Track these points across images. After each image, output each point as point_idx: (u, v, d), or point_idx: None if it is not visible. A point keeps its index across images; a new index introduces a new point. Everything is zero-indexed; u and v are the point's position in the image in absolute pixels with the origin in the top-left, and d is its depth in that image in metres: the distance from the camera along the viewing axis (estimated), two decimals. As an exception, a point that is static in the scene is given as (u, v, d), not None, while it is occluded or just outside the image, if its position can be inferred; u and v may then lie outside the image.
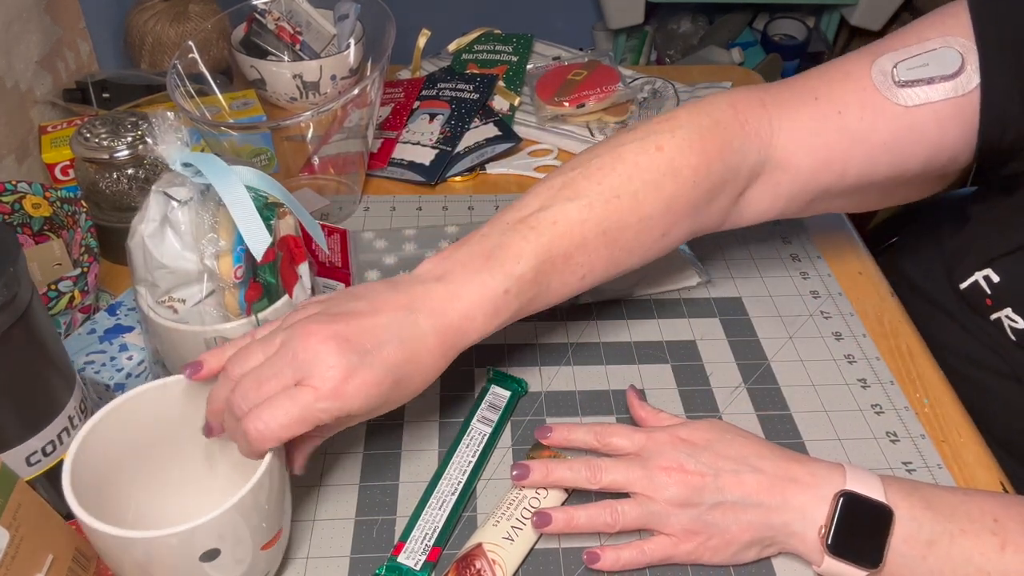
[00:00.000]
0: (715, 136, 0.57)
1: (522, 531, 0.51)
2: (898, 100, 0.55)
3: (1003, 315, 0.62)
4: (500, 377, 0.63)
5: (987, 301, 0.63)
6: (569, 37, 1.25)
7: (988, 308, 0.63)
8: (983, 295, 0.63)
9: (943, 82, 0.54)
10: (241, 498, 0.42)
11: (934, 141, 0.56)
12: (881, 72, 0.56)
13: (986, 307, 0.63)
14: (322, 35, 0.93)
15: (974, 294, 0.64)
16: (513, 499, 0.53)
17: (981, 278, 0.62)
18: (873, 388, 0.64)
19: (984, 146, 0.56)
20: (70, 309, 0.61)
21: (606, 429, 0.54)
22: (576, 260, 0.54)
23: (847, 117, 0.57)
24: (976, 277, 0.63)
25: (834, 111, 0.57)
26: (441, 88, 0.96)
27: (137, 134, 0.69)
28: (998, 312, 0.62)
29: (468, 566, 0.50)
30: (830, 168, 0.58)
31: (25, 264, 0.44)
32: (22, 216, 0.68)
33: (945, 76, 0.54)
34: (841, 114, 0.57)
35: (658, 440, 0.53)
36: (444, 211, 0.82)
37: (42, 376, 0.47)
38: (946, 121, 0.55)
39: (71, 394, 0.49)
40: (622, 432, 0.54)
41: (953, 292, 0.67)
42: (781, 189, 0.60)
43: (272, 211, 0.56)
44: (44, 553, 0.44)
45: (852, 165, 0.58)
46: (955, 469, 0.58)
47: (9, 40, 0.82)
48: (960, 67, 0.54)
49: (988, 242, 0.63)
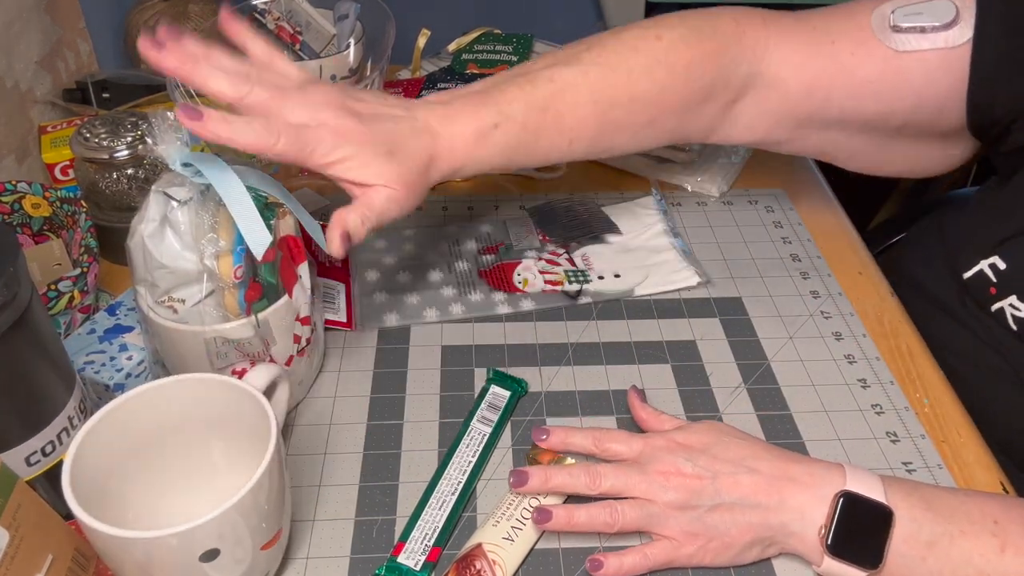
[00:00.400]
0: (712, 40, 0.60)
1: (522, 531, 0.51)
2: (890, 43, 0.58)
3: (1006, 304, 0.62)
4: (500, 377, 0.63)
5: (991, 290, 0.62)
6: (569, 37, 1.25)
7: (991, 298, 0.62)
8: (987, 284, 0.63)
9: (935, 32, 0.56)
10: (241, 498, 0.42)
11: (920, 90, 0.58)
12: (880, 15, 0.59)
13: (989, 297, 0.63)
14: (322, 35, 0.93)
15: (977, 284, 0.64)
16: (513, 499, 0.53)
17: (986, 266, 0.62)
18: (873, 388, 0.64)
19: (973, 109, 0.58)
20: (70, 309, 0.61)
21: (604, 435, 0.54)
22: (566, 122, 0.58)
23: (838, 48, 0.60)
24: (981, 266, 0.63)
25: (828, 40, 0.60)
26: (441, 88, 0.95)
27: (137, 134, 0.69)
28: (1001, 301, 0.62)
29: (468, 566, 0.49)
30: (814, 93, 0.61)
31: (25, 264, 0.44)
32: (22, 216, 0.68)
33: (937, 27, 0.56)
34: (834, 44, 0.60)
35: (656, 445, 0.53)
36: (444, 211, 0.82)
37: (42, 376, 0.47)
38: (934, 72, 0.57)
39: (71, 394, 0.49)
40: (620, 438, 0.54)
41: (956, 285, 0.67)
42: (769, 106, 0.63)
43: (272, 211, 0.56)
44: (44, 553, 0.44)
45: (835, 94, 0.60)
46: (955, 469, 0.58)
47: (9, 40, 0.82)
48: (954, 19, 0.56)
49: (992, 228, 0.63)
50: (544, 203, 0.82)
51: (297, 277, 0.57)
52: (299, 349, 0.58)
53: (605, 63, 0.59)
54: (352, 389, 0.63)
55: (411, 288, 0.72)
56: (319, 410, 0.62)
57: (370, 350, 0.66)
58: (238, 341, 0.54)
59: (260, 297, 0.55)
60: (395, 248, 0.77)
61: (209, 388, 0.49)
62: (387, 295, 0.72)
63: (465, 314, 0.70)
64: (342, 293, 0.70)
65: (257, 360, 0.55)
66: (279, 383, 0.54)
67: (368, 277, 0.74)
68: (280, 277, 0.56)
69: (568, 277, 0.73)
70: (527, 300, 0.71)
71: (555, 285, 0.72)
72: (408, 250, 0.77)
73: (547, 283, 0.73)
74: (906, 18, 0.57)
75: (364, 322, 0.69)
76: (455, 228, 0.80)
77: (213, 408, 0.49)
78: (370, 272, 0.74)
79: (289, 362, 0.58)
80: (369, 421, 0.61)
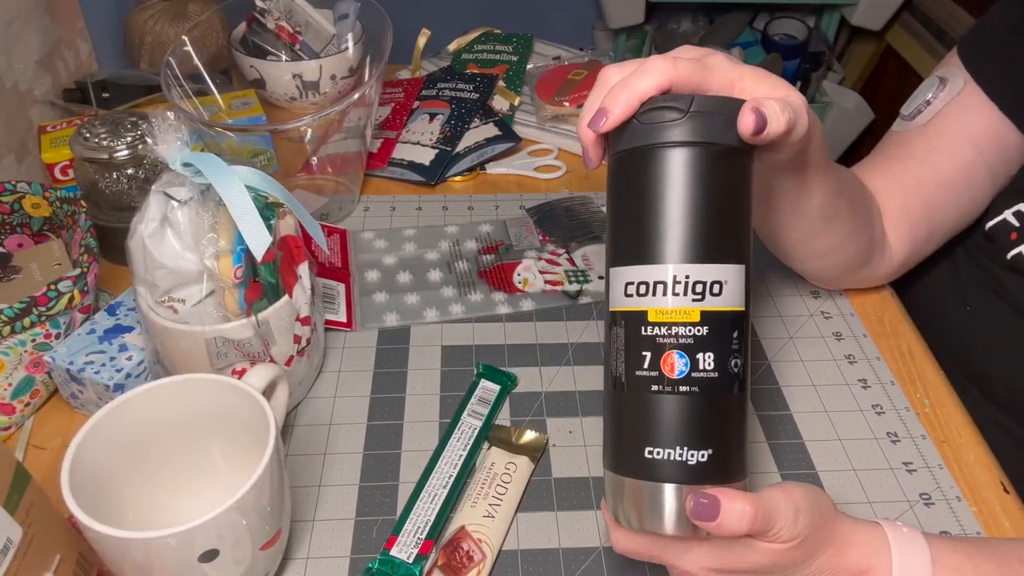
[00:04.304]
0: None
1: (500, 507, 0.53)
2: (913, 127, 0.66)
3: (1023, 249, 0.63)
4: (490, 371, 0.63)
5: (1011, 235, 0.64)
6: (569, 37, 1.25)
7: (1010, 244, 0.64)
8: (1008, 230, 0.64)
9: (936, 96, 0.64)
10: (240, 498, 0.42)
11: (968, 128, 0.63)
12: (896, 125, 0.68)
13: (1008, 243, 0.64)
14: (321, 35, 0.93)
15: (999, 231, 0.65)
16: (485, 479, 0.54)
17: (1010, 214, 0.64)
18: (873, 388, 0.64)
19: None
20: (70, 309, 0.61)
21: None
22: None
23: (896, 166, 0.66)
24: (1004, 215, 0.65)
25: (889, 164, 0.67)
26: (441, 88, 0.95)
27: (137, 134, 0.69)
28: (1021, 246, 0.63)
29: (456, 549, 0.50)
30: (926, 209, 0.66)
31: None
32: (22, 216, 0.68)
33: (935, 91, 0.65)
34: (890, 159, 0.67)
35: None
36: (444, 211, 0.82)
37: None
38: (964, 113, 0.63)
39: None
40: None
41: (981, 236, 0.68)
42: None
43: (272, 211, 0.56)
44: (53, 553, 0.44)
45: (936, 196, 0.65)
46: (955, 469, 0.58)
47: (9, 40, 0.82)
48: (943, 80, 0.65)
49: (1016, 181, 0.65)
50: (544, 203, 0.82)
51: (297, 277, 0.57)
52: (299, 349, 0.58)
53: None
54: (352, 389, 0.63)
55: (411, 288, 0.72)
56: (319, 410, 0.62)
57: (370, 350, 0.66)
58: (238, 341, 0.54)
59: (260, 297, 0.55)
60: (395, 248, 0.77)
61: (209, 388, 0.48)
62: (387, 295, 0.71)
63: (465, 314, 0.70)
64: (342, 293, 0.70)
65: (257, 360, 0.55)
66: (279, 383, 0.54)
67: (368, 277, 0.73)
68: (280, 277, 0.56)
69: (568, 277, 0.73)
70: (527, 300, 0.71)
71: (555, 285, 0.72)
72: (408, 250, 0.77)
73: (547, 283, 0.73)
74: (909, 106, 0.67)
75: (364, 322, 0.69)
76: (455, 228, 0.79)
77: (213, 408, 0.49)
78: (370, 272, 0.74)
79: (289, 362, 0.58)
80: (369, 421, 0.61)
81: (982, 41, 0.64)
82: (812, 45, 2.00)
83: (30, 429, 0.60)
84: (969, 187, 0.65)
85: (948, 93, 0.64)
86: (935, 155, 0.64)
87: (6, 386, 0.58)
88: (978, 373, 0.67)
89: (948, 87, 0.64)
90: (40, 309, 0.58)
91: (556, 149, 0.91)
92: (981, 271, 0.68)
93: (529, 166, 0.89)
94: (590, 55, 1.01)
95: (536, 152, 0.91)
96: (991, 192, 0.66)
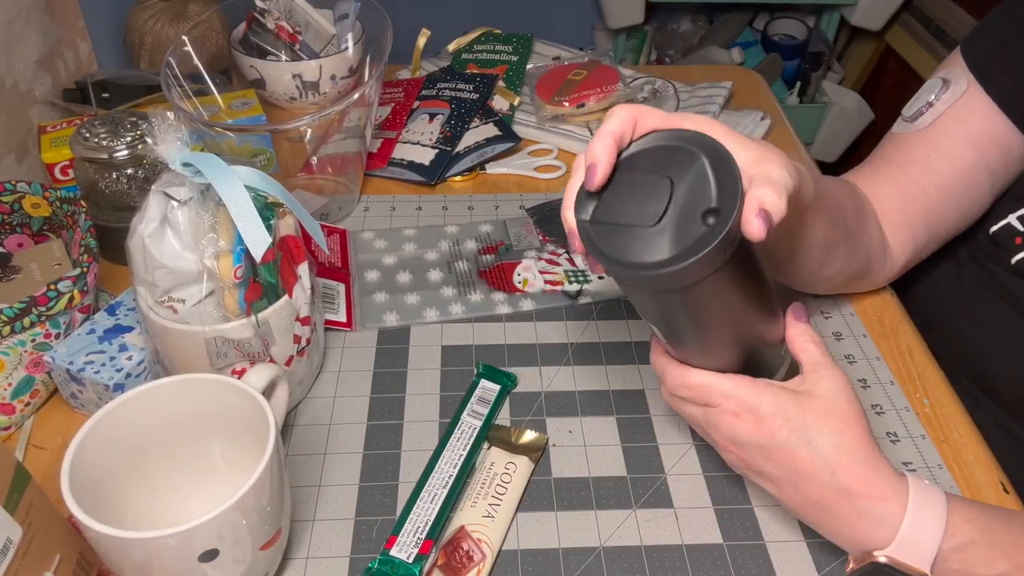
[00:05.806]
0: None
1: (500, 507, 0.53)
2: (914, 129, 0.65)
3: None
4: (490, 371, 0.63)
5: (1016, 240, 0.64)
6: (569, 37, 1.25)
7: (1015, 249, 0.64)
8: (1013, 235, 0.64)
9: (939, 97, 0.64)
10: (240, 498, 0.42)
11: (970, 131, 0.63)
12: (897, 126, 0.67)
13: (1013, 247, 0.64)
14: (321, 35, 0.93)
15: (1003, 236, 0.65)
16: (485, 479, 0.54)
17: (1014, 219, 0.64)
18: (873, 388, 0.64)
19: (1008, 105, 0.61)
20: (70, 309, 0.61)
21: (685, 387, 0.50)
22: None
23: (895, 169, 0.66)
24: (1009, 219, 0.65)
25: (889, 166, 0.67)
26: (441, 88, 0.95)
27: (137, 134, 0.69)
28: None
29: (456, 549, 0.50)
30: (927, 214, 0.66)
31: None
32: (21, 216, 0.68)
33: (938, 92, 0.64)
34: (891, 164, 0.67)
35: (721, 418, 0.49)
36: (444, 211, 0.82)
37: None
38: (967, 115, 0.63)
39: None
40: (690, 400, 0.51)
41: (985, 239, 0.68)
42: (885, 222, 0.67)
43: (272, 211, 0.56)
44: (53, 553, 0.44)
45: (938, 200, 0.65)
46: (955, 469, 0.58)
47: (9, 40, 0.82)
48: (946, 82, 0.64)
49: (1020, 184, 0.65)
50: (544, 203, 0.82)
51: (297, 277, 0.57)
52: (299, 349, 0.58)
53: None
54: (352, 389, 0.63)
55: (411, 288, 0.72)
56: (319, 410, 0.62)
57: (370, 350, 0.66)
58: (238, 341, 0.54)
59: (260, 297, 0.55)
60: (395, 248, 0.77)
61: (209, 388, 0.48)
62: (387, 295, 0.71)
63: (465, 314, 0.70)
64: (342, 293, 0.70)
65: (257, 360, 0.55)
66: (278, 383, 0.54)
67: (368, 277, 0.73)
68: (280, 277, 0.56)
69: (568, 277, 0.73)
70: (527, 300, 0.71)
71: (555, 285, 0.72)
72: (408, 250, 0.77)
73: (547, 283, 0.73)
74: (912, 107, 0.66)
75: (364, 322, 0.69)
76: (455, 228, 0.79)
77: (213, 408, 0.49)
78: (370, 272, 0.74)
79: (289, 362, 0.58)
80: (369, 421, 0.61)
81: (985, 42, 0.64)
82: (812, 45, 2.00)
83: (30, 429, 0.60)
84: (970, 191, 0.65)
85: (951, 95, 0.64)
86: (937, 160, 0.64)
87: (6, 386, 0.58)
88: (978, 373, 0.67)
89: (951, 89, 0.64)
90: (40, 309, 0.58)
91: (556, 149, 0.91)
92: (984, 273, 0.68)
93: (529, 166, 0.89)
94: (590, 55, 1.01)
95: (536, 152, 0.91)
96: (992, 195, 0.66)
